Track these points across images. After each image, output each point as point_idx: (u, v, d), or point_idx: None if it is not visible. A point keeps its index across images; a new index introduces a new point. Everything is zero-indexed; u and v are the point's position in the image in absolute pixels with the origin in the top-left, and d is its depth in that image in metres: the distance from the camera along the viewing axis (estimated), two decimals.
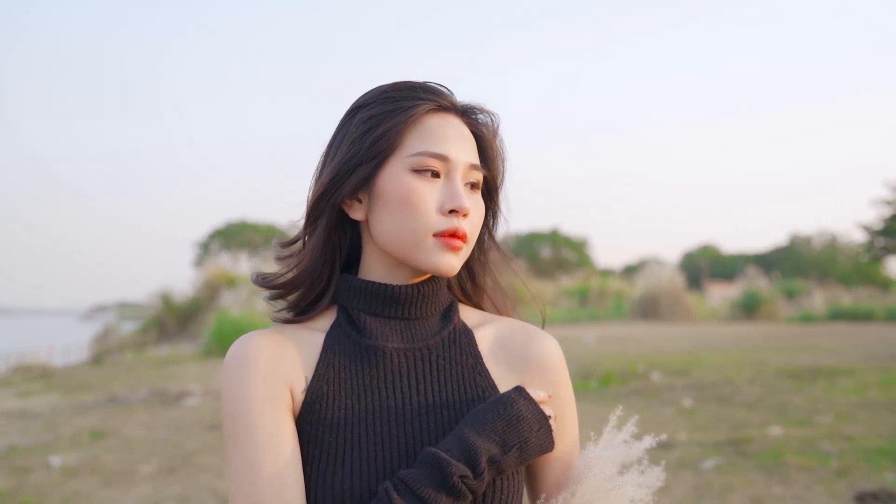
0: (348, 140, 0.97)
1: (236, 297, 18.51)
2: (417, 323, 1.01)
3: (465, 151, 0.98)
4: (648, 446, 1.00)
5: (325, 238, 0.99)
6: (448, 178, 0.96)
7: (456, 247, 0.95)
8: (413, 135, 0.96)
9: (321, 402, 0.94)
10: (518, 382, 1.01)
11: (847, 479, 4.44)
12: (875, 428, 5.78)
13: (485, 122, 1.04)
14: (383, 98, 0.98)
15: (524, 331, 1.06)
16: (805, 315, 23.71)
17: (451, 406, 0.97)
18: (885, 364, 9.82)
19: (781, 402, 6.99)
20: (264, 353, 0.94)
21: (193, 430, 6.51)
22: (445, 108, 0.99)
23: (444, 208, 0.95)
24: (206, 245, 43.12)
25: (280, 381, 0.93)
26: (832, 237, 48.66)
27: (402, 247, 0.96)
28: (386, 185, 0.95)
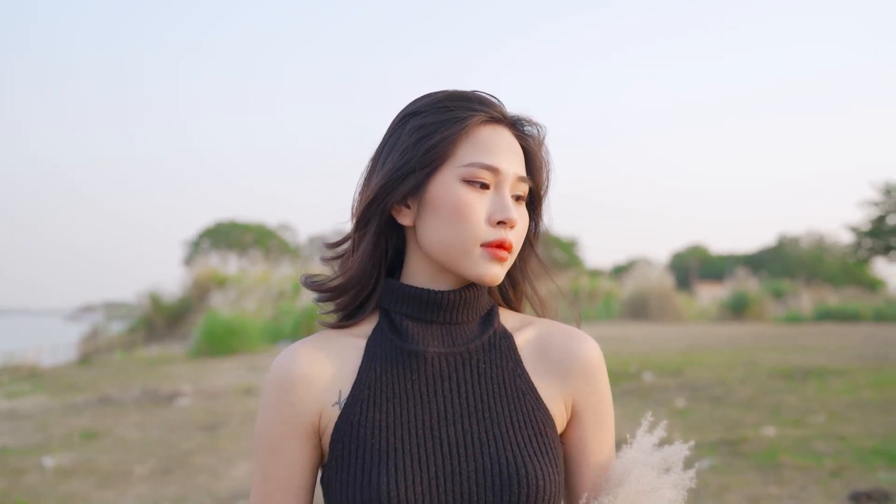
0: (400, 147, 0.99)
1: (226, 297, 18.45)
2: (458, 327, 1.02)
3: (514, 163, 0.99)
4: (685, 451, 1.02)
5: (375, 243, 1.01)
6: (497, 190, 0.98)
7: (502, 257, 0.97)
8: (465, 145, 0.97)
9: (362, 404, 0.96)
10: (558, 385, 1.03)
11: (841, 478, 4.47)
12: (867, 428, 5.82)
13: (532, 133, 1.05)
14: (437, 107, 0.99)
15: (563, 332, 1.07)
16: (793, 315, 23.88)
17: (493, 409, 0.98)
18: (875, 364, 9.89)
19: (774, 402, 7.02)
20: (302, 373, 0.98)
21: (187, 431, 6.48)
22: (497, 119, 1.01)
23: (492, 219, 0.96)
24: (195, 244, 42.98)
25: (311, 407, 0.98)
26: (819, 238, 48.98)
27: (449, 255, 0.97)
28: (437, 194, 0.97)
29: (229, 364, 11.96)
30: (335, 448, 0.96)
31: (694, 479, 1.01)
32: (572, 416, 1.04)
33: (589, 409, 1.04)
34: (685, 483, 1.00)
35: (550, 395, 1.02)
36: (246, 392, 8.54)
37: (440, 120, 0.98)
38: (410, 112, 1.02)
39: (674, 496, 0.98)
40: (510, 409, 0.98)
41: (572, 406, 1.04)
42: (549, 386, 1.02)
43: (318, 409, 0.98)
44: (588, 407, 1.04)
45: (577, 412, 1.04)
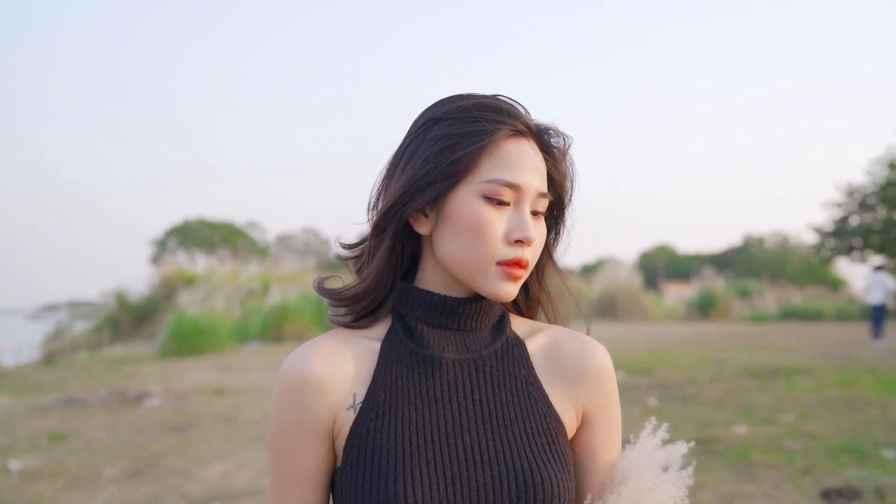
0: (422, 155, 0.97)
1: (194, 296, 18.25)
2: (471, 334, 1.01)
3: (536, 179, 0.97)
4: (685, 449, 1.04)
5: (391, 249, 0.99)
6: (517, 207, 0.96)
7: (517, 276, 0.96)
8: (489, 160, 0.95)
9: (378, 409, 0.95)
10: (569, 392, 1.03)
11: (812, 476, 4.53)
12: (836, 426, 5.91)
13: (557, 143, 1.04)
14: (462, 116, 0.97)
15: (575, 340, 1.07)
16: (758, 314, 24.23)
17: (506, 417, 0.98)
18: (840, 363, 10.06)
19: (745, 400, 7.11)
20: (316, 375, 0.96)
21: (157, 432, 6.39)
22: (522, 132, 0.98)
23: (510, 237, 0.95)
24: (162, 243, 42.46)
25: (325, 410, 0.96)
26: (784, 238, 49.75)
27: (464, 269, 0.97)
28: (455, 208, 0.95)
29: (198, 364, 11.83)
30: (350, 452, 0.94)
31: (692, 478, 1.03)
32: (583, 423, 1.04)
33: (599, 416, 1.04)
34: (685, 480, 1.02)
35: (562, 402, 1.02)
36: (216, 392, 8.44)
37: (465, 132, 0.95)
38: (434, 118, 0.99)
39: (675, 493, 1.00)
40: (523, 416, 0.98)
41: (583, 413, 1.04)
42: (561, 393, 1.02)
43: (332, 412, 0.96)
44: (598, 414, 1.04)
45: (587, 419, 1.04)
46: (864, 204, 27.81)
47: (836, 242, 28.51)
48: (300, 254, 41.40)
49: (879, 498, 4.09)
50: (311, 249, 50.21)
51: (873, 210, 27.68)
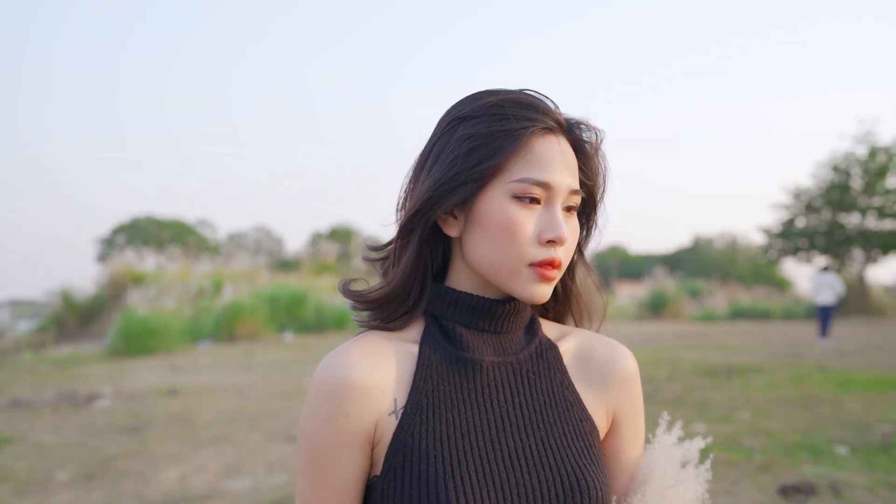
0: (449, 155, 0.93)
1: (144, 295, 17.88)
2: (507, 336, 0.99)
3: (567, 176, 0.94)
4: (702, 445, 1.05)
5: (418, 253, 0.96)
6: (548, 206, 0.93)
7: (551, 277, 0.93)
8: (518, 159, 0.92)
9: (421, 414, 0.92)
10: (600, 396, 1.03)
11: (770, 472, 4.60)
12: (790, 423, 6.02)
13: (589, 138, 1.00)
14: (490, 114, 0.93)
15: (604, 344, 1.06)
16: (708, 314, 24.65)
17: (545, 420, 0.96)
18: (791, 361, 10.28)
19: (702, 399, 7.20)
20: (357, 380, 0.91)
21: (109, 434, 6.21)
22: (552, 128, 0.95)
23: (542, 238, 0.92)
24: (110, 241, 41.59)
25: (367, 416, 0.91)
26: (733, 239, 50.79)
27: (495, 272, 0.94)
28: (485, 210, 0.92)
29: (149, 364, 11.58)
30: (394, 460, 0.90)
31: (710, 472, 1.05)
32: (612, 426, 1.05)
33: (627, 420, 1.05)
34: (704, 475, 1.04)
35: (594, 405, 1.02)
36: (169, 393, 8.26)
37: (493, 131, 0.92)
38: (461, 116, 0.95)
39: (696, 488, 1.02)
40: (561, 420, 0.97)
41: (613, 416, 1.04)
42: (593, 397, 1.02)
43: (374, 418, 0.92)
44: (627, 417, 1.05)
45: (616, 422, 1.04)
46: (810, 206, 28.50)
47: (783, 243, 29.17)
48: (252, 252, 40.93)
49: (834, 493, 4.16)
50: (263, 248, 49.69)
51: (818, 212, 28.38)
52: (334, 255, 24.93)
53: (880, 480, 4.38)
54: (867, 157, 27.60)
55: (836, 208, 27.89)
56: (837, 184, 27.86)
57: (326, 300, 17.66)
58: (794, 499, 4.12)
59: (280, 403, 7.44)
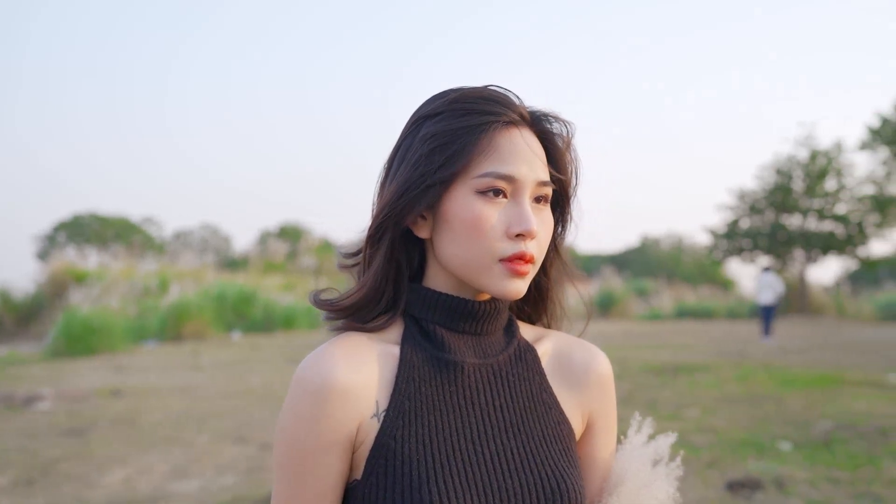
0: (413, 156, 0.92)
1: (87, 294, 17.45)
2: (486, 338, 0.98)
3: (534, 168, 0.92)
4: (671, 442, 1.07)
5: (388, 257, 0.94)
6: (515, 199, 0.91)
7: (523, 272, 0.91)
8: (481, 154, 0.91)
9: (404, 417, 0.90)
10: (576, 398, 1.02)
11: (717, 469, 4.69)
12: (736, 420, 6.14)
13: (558, 130, 0.99)
14: (450, 111, 0.92)
15: (580, 347, 1.06)
16: (654, 313, 25.03)
17: (525, 423, 0.95)
18: (736, 360, 10.50)
19: (650, 397, 7.30)
20: (340, 382, 0.88)
21: (49, 437, 6.03)
22: (515, 121, 0.93)
23: (510, 231, 0.90)
24: (50, 238, 40.54)
25: (350, 419, 0.89)
26: (679, 239, 51.74)
27: (467, 270, 0.92)
28: (451, 208, 0.91)
29: (91, 364, 11.30)
30: (375, 464, 0.88)
31: (681, 470, 1.06)
32: (586, 428, 1.04)
33: (602, 421, 1.05)
34: (675, 473, 1.05)
35: (570, 407, 1.02)
36: (113, 394, 8.07)
37: (454, 128, 0.91)
38: (423, 116, 0.94)
39: (668, 486, 1.03)
40: (540, 423, 0.97)
41: (588, 419, 1.04)
42: (569, 399, 1.02)
43: (356, 421, 0.89)
44: (601, 419, 1.05)
45: (591, 424, 1.04)
46: (754, 208, 29.19)
47: (727, 244, 29.81)
48: (199, 251, 40.30)
49: (778, 488, 4.26)
50: (210, 246, 48.96)
51: (762, 213, 29.09)
52: (283, 254, 24.69)
53: (821, 475, 4.50)
54: (808, 161, 28.37)
55: (778, 210, 28.62)
56: (780, 186, 28.58)
57: (275, 299, 17.47)
58: (740, 494, 4.20)
59: (229, 404, 7.33)
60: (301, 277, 21.75)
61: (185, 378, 9.24)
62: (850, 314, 24.80)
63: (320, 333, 4.62)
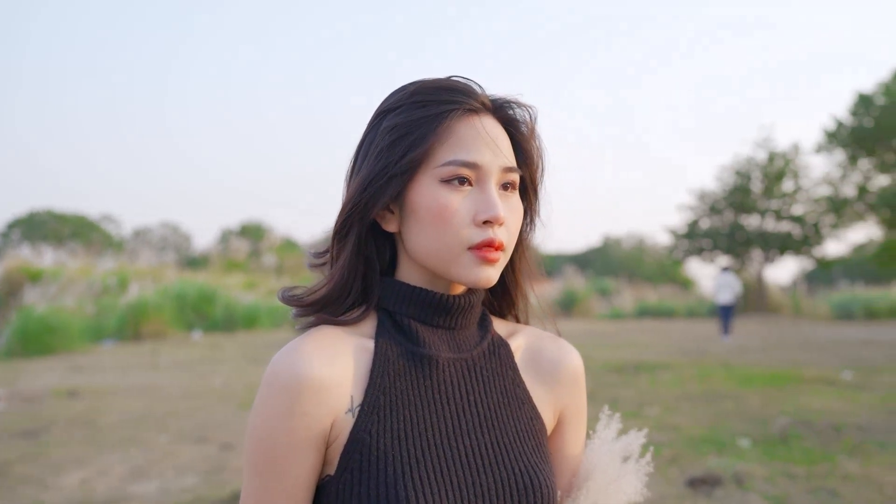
0: (375, 150, 0.91)
1: (43, 293, 17.10)
2: (460, 333, 0.97)
3: (498, 155, 0.92)
4: (642, 439, 1.08)
5: (356, 253, 0.94)
6: (480, 186, 0.91)
7: (492, 259, 0.90)
8: (442, 143, 0.90)
9: (379, 412, 0.89)
10: (548, 394, 1.02)
11: (678, 465, 4.74)
12: (696, 418, 6.22)
13: (521, 117, 0.98)
14: (410, 102, 0.91)
15: (552, 342, 1.06)
16: (616, 312, 25.28)
17: (499, 419, 0.95)
18: (695, 358, 10.64)
19: (612, 395, 7.36)
20: (314, 377, 0.87)
21: (4, 439, 5.89)
22: (475, 108, 0.93)
23: (477, 219, 0.89)
24: (5, 236, 39.69)
25: (324, 415, 0.87)
26: (640, 239, 52.35)
27: (437, 261, 0.91)
28: (416, 199, 0.90)
29: (48, 364, 11.08)
30: (350, 459, 0.87)
31: (651, 465, 1.06)
32: (557, 423, 1.05)
33: (573, 417, 1.06)
34: (644, 469, 1.06)
35: (543, 403, 1.02)
36: (70, 394, 7.92)
37: (414, 119, 0.90)
38: (384, 109, 0.94)
39: (637, 482, 1.04)
40: (513, 419, 0.96)
41: (560, 415, 1.04)
42: (542, 394, 1.02)
43: (331, 416, 0.88)
44: (573, 415, 1.05)
45: (562, 419, 1.05)
46: (714, 208, 29.65)
47: (688, 244, 30.23)
48: (158, 249, 39.76)
49: (738, 484, 4.32)
50: (170, 244, 48.33)
51: (721, 214, 29.55)
52: (245, 253, 24.45)
53: (779, 470, 4.57)
54: (766, 162, 28.88)
55: (737, 210, 29.10)
56: (739, 187, 29.06)
57: (236, 298, 17.29)
58: (700, 490, 4.25)
59: (189, 404, 7.23)
60: (263, 276, 21.57)
61: (145, 378, 9.10)
62: (806, 313, 25.30)
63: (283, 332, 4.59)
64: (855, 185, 26.15)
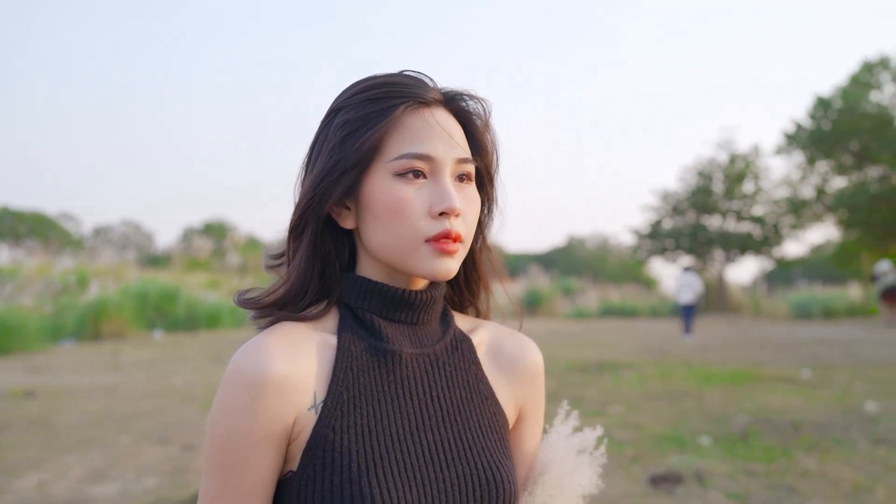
0: (328, 147, 0.91)
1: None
2: (422, 328, 0.97)
3: (451, 146, 0.92)
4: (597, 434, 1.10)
5: (312, 251, 0.93)
6: (434, 178, 0.91)
7: (450, 250, 0.90)
8: (394, 137, 0.90)
9: (342, 408, 0.88)
10: (510, 389, 1.03)
11: (640, 463, 4.79)
12: (659, 416, 6.29)
13: (475, 110, 0.98)
14: (360, 98, 0.91)
15: (513, 337, 1.06)
16: (580, 311, 25.46)
17: (462, 414, 0.95)
18: (658, 358, 10.76)
19: (576, 395, 7.41)
20: (277, 374, 0.86)
21: None
22: (427, 101, 0.92)
23: (433, 211, 0.89)
24: None
25: (287, 412, 0.86)
26: (604, 239, 52.84)
27: (395, 256, 0.91)
28: (371, 194, 0.90)
29: (4, 364, 10.85)
30: (313, 456, 0.86)
31: (605, 458, 1.08)
32: (517, 418, 1.05)
33: (532, 412, 1.06)
34: (598, 461, 1.08)
35: (504, 398, 1.02)
36: (27, 395, 7.76)
37: (363, 114, 0.90)
38: (336, 107, 0.94)
39: (591, 474, 1.06)
40: (476, 414, 0.96)
41: (520, 410, 1.05)
42: (503, 390, 1.02)
43: (293, 413, 0.87)
44: (532, 409, 1.06)
45: (522, 414, 1.05)
46: (677, 209, 30.00)
47: (651, 244, 30.54)
48: (119, 247, 39.16)
49: (699, 481, 4.38)
50: (131, 242, 47.65)
51: (684, 214, 29.91)
52: (208, 251, 24.18)
53: (739, 468, 4.64)
54: (728, 164, 29.29)
55: (699, 211, 29.47)
56: (701, 188, 29.43)
57: (199, 297, 17.09)
58: (662, 488, 4.30)
59: (150, 404, 7.14)
60: (226, 275, 21.34)
61: (104, 378, 8.95)
62: (765, 312, 25.71)
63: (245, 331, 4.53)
64: (813, 187, 26.62)
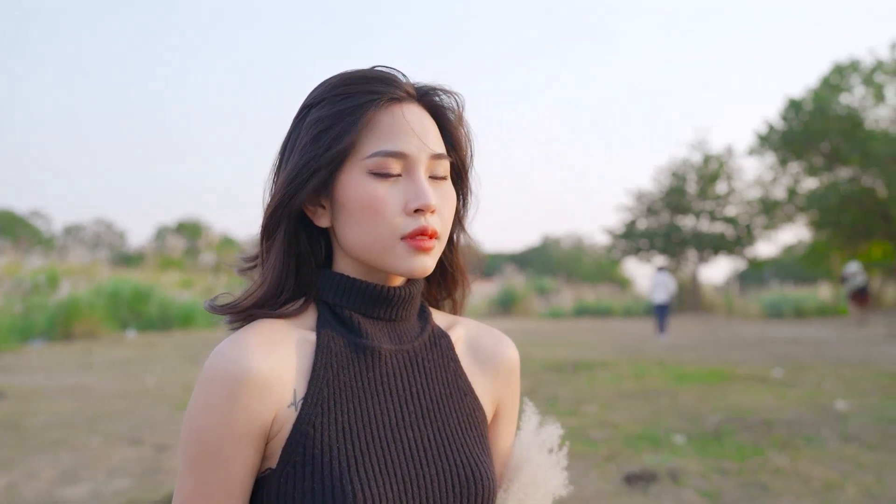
0: (300, 145, 0.90)
1: None
2: (400, 324, 0.96)
3: (425, 143, 0.91)
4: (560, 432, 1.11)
5: (286, 249, 0.92)
6: (409, 175, 0.90)
7: (426, 247, 0.90)
8: (366, 134, 0.89)
9: (323, 404, 0.87)
10: (488, 385, 1.03)
11: (615, 462, 4.82)
12: (633, 415, 6.33)
13: (448, 104, 0.98)
14: (332, 95, 0.90)
15: (490, 334, 1.07)
16: (554, 311, 25.54)
17: (441, 410, 0.95)
18: (632, 357, 10.83)
19: (551, 394, 7.44)
20: (256, 371, 0.85)
21: None
22: (400, 97, 0.92)
23: (408, 208, 0.89)
24: None
25: (266, 409, 0.85)
26: (579, 239, 53.10)
27: (371, 254, 0.90)
28: (345, 192, 0.89)
29: None
30: (293, 453, 0.85)
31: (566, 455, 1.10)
32: (494, 414, 1.06)
33: (508, 409, 1.07)
34: (562, 461, 1.09)
35: (483, 394, 1.02)
36: None
37: (336, 111, 0.89)
38: (308, 104, 0.93)
39: (560, 472, 1.08)
40: (456, 410, 0.97)
41: (497, 405, 1.05)
42: (482, 386, 1.02)
43: (273, 411, 0.86)
44: (508, 406, 1.07)
45: (498, 411, 1.06)
46: (651, 209, 30.20)
47: (625, 244, 30.72)
48: (91, 246, 38.70)
49: (673, 479, 4.41)
50: (103, 241, 47.11)
51: (658, 214, 30.12)
52: (181, 250, 23.97)
53: (712, 466, 4.69)
54: (701, 164, 29.54)
55: (673, 211, 29.69)
56: (675, 188, 29.65)
57: (172, 297, 16.93)
58: (637, 486, 4.33)
59: (122, 404, 7.05)
60: (200, 274, 21.15)
61: (76, 378, 8.84)
62: (738, 312, 25.98)
63: (220, 331, 4.48)
64: (785, 188, 26.91)
